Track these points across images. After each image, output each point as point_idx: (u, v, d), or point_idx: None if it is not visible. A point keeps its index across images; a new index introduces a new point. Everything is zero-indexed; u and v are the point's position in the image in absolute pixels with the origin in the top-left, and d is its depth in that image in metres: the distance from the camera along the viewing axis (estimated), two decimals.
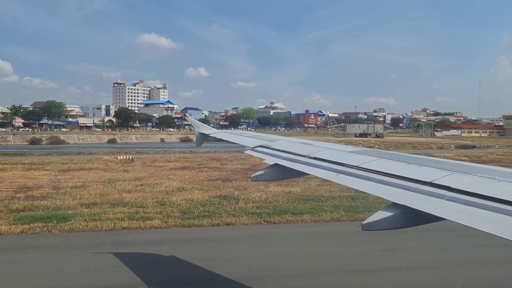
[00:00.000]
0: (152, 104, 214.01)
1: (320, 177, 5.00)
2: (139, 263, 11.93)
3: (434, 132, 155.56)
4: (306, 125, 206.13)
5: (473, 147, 75.75)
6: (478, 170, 3.91)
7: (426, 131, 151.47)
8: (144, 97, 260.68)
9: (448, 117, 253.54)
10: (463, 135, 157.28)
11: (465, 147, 75.80)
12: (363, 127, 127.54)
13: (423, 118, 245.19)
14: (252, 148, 7.50)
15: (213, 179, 28.41)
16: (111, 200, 20.28)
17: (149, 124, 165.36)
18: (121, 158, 42.88)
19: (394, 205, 3.59)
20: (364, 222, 3.53)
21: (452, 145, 77.72)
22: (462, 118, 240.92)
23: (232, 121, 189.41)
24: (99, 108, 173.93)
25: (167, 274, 11.08)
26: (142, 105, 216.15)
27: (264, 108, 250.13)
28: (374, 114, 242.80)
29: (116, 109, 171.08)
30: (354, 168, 4.78)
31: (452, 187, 3.47)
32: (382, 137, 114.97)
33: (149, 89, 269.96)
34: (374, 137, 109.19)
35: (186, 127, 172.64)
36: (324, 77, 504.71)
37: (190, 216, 17.10)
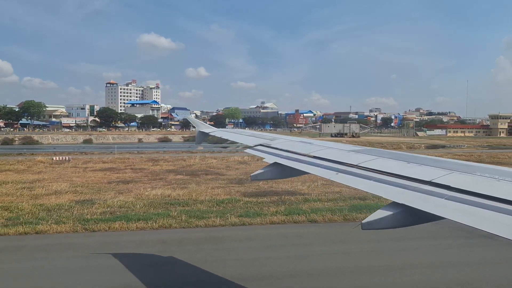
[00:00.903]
0: (138, 104, 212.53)
1: (320, 176, 5.00)
2: None
3: (417, 132, 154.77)
4: (295, 125, 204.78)
5: (443, 147, 76.14)
6: (478, 169, 3.91)
7: (409, 131, 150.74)
8: (137, 97, 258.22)
9: (441, 116, 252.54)
10: (449, 134, 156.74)
11: (434, 147, 76.42)
12: (338, 127, 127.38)
13: (415, 118, 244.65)
14: (252, 147, 7.49)
15: (115, 181, 27.94)
16: None
17: (133, 124, 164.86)
18: (56, 159, 41.90)
19: (393, 204, 3.59)
20: (363, 221, 3.52)
21: (423, 145, 78.13)
22: (455, 118, 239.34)
23: (218, 121, 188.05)
24: (83, 108, 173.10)
25: None
26: (129, 105, 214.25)
27: (255, 107, 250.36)
28: (366, 114, 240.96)
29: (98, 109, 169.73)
30: (354, 167, 4.77)
31: (451, 186, 3.47)
32: (358, 136, 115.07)
33: (142, 89, 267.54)
34: (349, 137, 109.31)
35: (172, 127, 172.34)
36: (324, 77, 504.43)
37: (8, 224, 16.22)
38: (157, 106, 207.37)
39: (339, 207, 18.85)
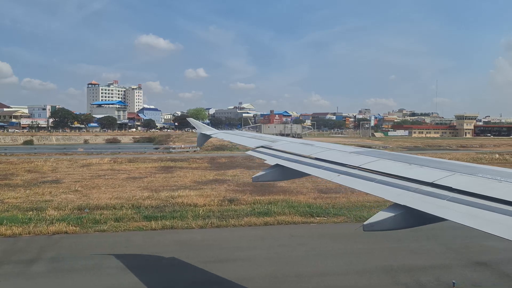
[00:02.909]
0: (105, 104, 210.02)
1: (322, 177, 5.00)
2: None
3: (374, 133, 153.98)
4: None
5: (369, 147, 75.48)
6: (479, 170, 3.91)
7: (365, 132, 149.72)
8: (118, 97, 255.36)
9: (424, 117, 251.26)
10: (414, 135, 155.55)
11: (369, 147, 75.42)
12: (279, 127, 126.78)
13: (396, 119, 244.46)
14: (253, 149, 7.50)
15: None
16: None
17: (93, 125, 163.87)
18: None
19: (395, 206, 3.59)
20: (365, 223, 3.52)
21: (352, 146, 76.44)
22: (438, 119, 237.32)
23: (181, 122, 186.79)
24: (44, 109, 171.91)
25: None
26: (95, 105, 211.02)
27: (233, 108, 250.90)
28: (345, 115, 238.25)
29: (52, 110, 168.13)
30: (356, 168, 4.77)
31: (453, 187, 3.47)
32: (301, 137, 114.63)
33: (124, 89, 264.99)
34: (291, 138, 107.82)
35: (139, 127, 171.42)
36: (323, 78, 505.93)
37: None
38: (123, 106, 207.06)
39: None
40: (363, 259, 12.30)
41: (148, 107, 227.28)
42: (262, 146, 7.39)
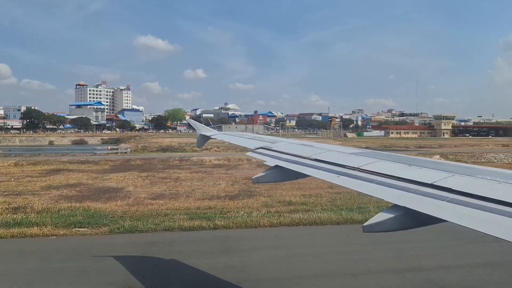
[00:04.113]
0: (84, 105, 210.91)
1: (321, 178, 5.01)
2: None
3: (346, 134, 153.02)
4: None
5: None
6: (479, 171, 3.92)
7: (335, 132, 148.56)
8: (107, 98, 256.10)
9: (412, 118, 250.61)
10: (391, 135, 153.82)
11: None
12: (240, 127, 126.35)
13: (384, 119, 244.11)
14: (253, 149, 7.51)
15: None
16: None
17: (67, 126, 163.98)
18: None
19: (395, 207, 3.60)
20: (365, 224, 3.53)
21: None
22: (428, 119, 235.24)
23: (158, 122, 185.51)
24: (19, 110, 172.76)
25: None
26: (74, 106, 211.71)
27: (219, 109, 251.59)
28: (331, 115, 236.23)
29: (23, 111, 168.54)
30: (355, 170, 4.78)
31: (453, 188, 3.48)
32: None
33: (113, 90, 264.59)
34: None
35: (117, 129, 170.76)
36: (323, 78, 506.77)
37: None
38: (102, 107, 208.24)
39: None
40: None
41: (130, 108, 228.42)
42: (261, 147, 7.41)
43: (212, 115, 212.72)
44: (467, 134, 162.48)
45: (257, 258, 12.64)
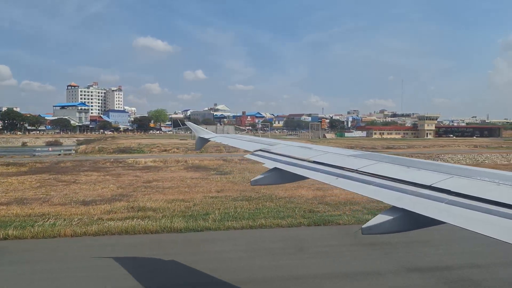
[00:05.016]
0: (67, 106, 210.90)
1: (320, 180, 5.00)
2: None
3: (325, 134, 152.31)
4: (241, 127, 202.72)
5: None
6: (477, 173, 3.92)
7: (314, 133, 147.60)
8: (98, 99, 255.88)
9: (404, 118, 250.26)
10: (374, 136, 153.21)
11: None
12: (211, 128, 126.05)
13: (376, 120, 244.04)
14: (252, 152, 7.50)
15: None
16: None
17: (48, 127, 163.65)
18: None
19: (393, 209, 3.59)
20: (363, 226, 3.52)
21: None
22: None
23: (141, 124, 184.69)
24: (0, 111, 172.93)
25: None
26: (58, 107, 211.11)
27: (208, 110, 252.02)
28: (321, 116, 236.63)
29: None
30: (354, 171, 4.77)
31: (451, 190, 3.47)
32: None
33: (104, 91, 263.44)
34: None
35: (104, 131, 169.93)
36: (323, 79, 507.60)
37: None
38: (85, 108, 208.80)
39: None
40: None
41: (115, 109, 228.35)
42: (260, 150, 7.40)
43: (199, 116, 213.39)
44: (451, 135, 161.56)
45: None
